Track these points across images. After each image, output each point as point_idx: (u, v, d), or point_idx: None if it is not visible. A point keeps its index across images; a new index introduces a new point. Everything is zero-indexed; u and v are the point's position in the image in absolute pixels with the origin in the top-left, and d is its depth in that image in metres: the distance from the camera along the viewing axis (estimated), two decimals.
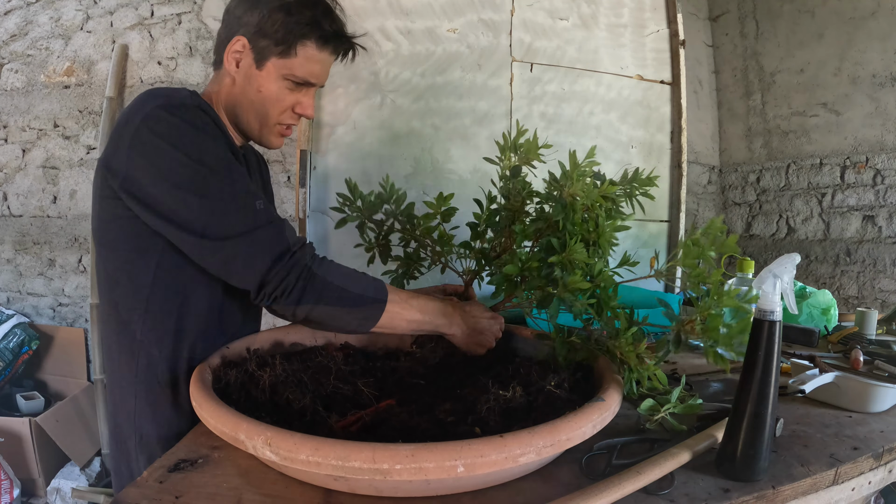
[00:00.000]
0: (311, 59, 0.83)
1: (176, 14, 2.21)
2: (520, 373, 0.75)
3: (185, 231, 0.69)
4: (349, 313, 0.74)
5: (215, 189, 0.70)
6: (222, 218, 0.69)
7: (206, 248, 0.70)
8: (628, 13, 1.90)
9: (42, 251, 2.34)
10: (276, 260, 0.70)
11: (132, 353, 0.76)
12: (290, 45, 0.81)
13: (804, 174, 2.48)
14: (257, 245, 0.70)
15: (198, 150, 0.70)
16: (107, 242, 0.76)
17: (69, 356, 2.28)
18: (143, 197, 0.70)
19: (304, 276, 0.71)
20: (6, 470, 1.88)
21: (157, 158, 0.69)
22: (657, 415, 0.73)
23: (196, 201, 0.69)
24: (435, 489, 0.54)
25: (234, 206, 0.70)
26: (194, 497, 0.54)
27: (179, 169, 0.69)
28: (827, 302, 1.43)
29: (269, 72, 0.82)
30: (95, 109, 2.25)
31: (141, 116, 0.69)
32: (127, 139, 0.70)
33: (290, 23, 0.80)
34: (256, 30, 0.80)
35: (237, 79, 0.83)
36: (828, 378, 0.87)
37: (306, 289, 0.71)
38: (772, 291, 0.61)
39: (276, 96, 0.83)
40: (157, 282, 0.75)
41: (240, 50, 0.81)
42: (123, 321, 0.76)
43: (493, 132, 1.75)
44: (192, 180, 0.69)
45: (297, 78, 0.83)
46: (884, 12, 2.16)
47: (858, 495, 0.70)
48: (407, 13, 1.65)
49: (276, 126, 0.86)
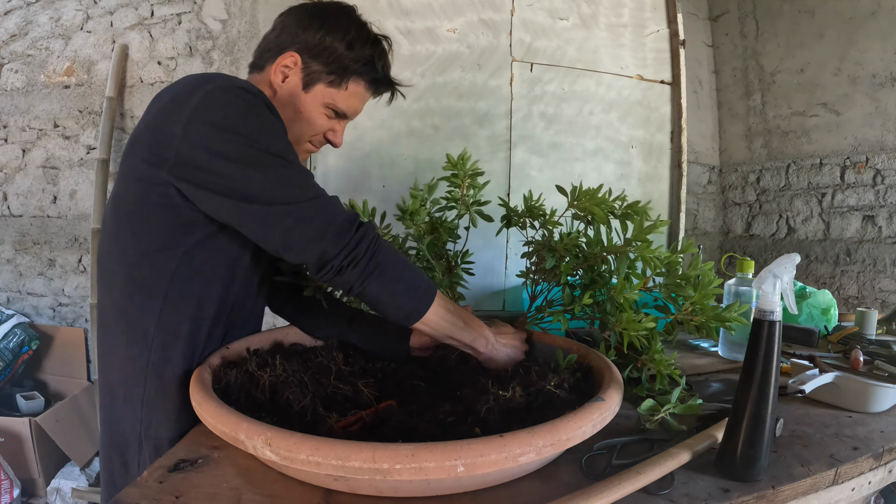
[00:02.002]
0: (356, 96, 0.85)
1: (176, 14, 2.21)
2: (519, 373, 0.75)
3: (249, 202, 0.68)
4: (402, 298, 0.74)
5: (276, 165, 0.69)
6: (285, 189, 0.68)
7: (271, 216, 0.68)
8: (628, 13, 1.90)
9: (42, 251, 2.34)
10: (340, 232, 0.69)
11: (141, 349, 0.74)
12: (343, 78, 0.82)
13: (804, 174, 2.48)
14: (322, 214, 0.69)
15: (259, 130, 0.69)
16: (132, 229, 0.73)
17: (69, 356, 2.29)
18: (201, 176, 0.68)
19: (372, 249, 0.70)
20: (6, 470, 1.88)
21: (217, 137, 0.67)
22: (657, 415, 0.73)
23: (260, 175, 0.68)
24: (435, 489, 0.54)
25: (295, 180, 0.69)
26: (194, 497, 0.54)
27: (241, 148, 0.67)
28: (827, 302, 1.43)
29: (314, 96, 0.82)
30: (95, 109, 2.25)
31: (200, 95, 0.68)
32: (183, 119, 0.67)
33: (348, 57, 0.81)
34: (312, 52, 0.80)
35: (279, 92, 0.82)
36: (828, 378, 0.87)
37: (371, 262, 0.70)
38: (772, 291, 0.61)
39: (313, 121, 0.84)
40: (176, 276, 0.73)
41: (290, 66, 0.81)
42: (135, 317, 0.74)
43: (493, 132, 1.75)
44: (254, 157, 0.68)
45: (338, 109, 0.84)
46: (884, 12, 2.16)
47: (858, 495, 0.70)
48: (407, 13, 1.65)
49: (306, 144, 0.87)
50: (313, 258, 0.69)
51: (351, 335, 0.91)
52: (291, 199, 0.68)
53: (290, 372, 0.72)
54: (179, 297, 0.74)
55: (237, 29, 2.18)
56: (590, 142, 1.86)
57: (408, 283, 0.74)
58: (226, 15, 2.19)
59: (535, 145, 1.80)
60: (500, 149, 1.77)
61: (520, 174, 1.79)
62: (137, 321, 0.74)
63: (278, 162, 0.69)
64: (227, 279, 0.77)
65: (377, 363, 0.86)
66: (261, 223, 0.69)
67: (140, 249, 0.73)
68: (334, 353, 0.82)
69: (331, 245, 0.68)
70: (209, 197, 0.69)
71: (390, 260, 0.72)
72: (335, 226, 0.69)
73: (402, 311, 0.74)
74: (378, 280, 0.71)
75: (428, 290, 0.75)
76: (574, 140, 1.84)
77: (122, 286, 0.75)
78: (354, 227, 0.70)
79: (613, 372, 0.71)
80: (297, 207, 0.68)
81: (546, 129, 1.81)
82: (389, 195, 1.63)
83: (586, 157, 1.86)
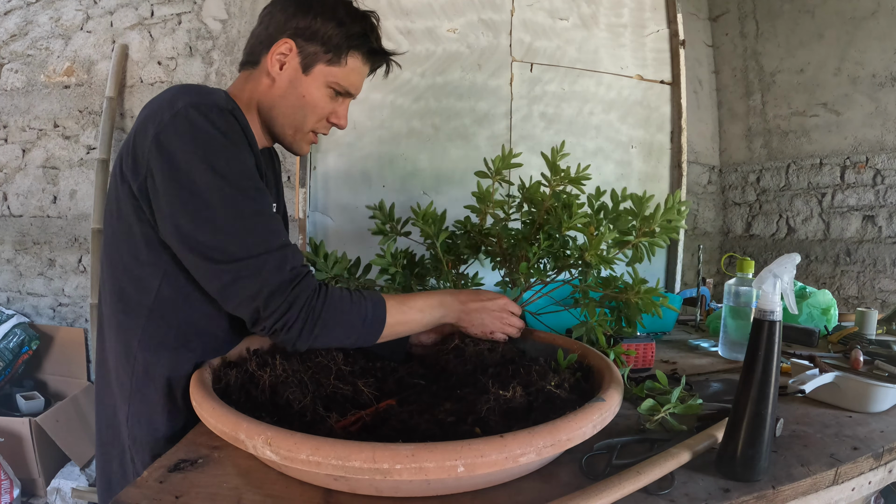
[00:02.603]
0: (356, 71, 0.85)
1: (176, 14, 2.21)
2: (520, 373, 0.75)
3: (191, 250, 0.67)
4: (350, 338, 0.75)
5: (230, 205, 0.67)
6: (229, 239, 0.67)
7: (208, 269, 0.68)
8: (628, 13, 1.90)
9: (42, 251, 2.34)
10: (274, 292, 0.68)
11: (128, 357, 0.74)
12: (340, 55, 0.82)
13: (804, 174, 2.48)
14: (258, 274, 0.68)
15: (221, 160, 0.67)
16: (116, 242, 0.74)
17: (69, 356, 2.29)
18: (156, 198, 0.68)
19: (308, 309, 0.70)
20: (6, 470, 1.88)
21: (178, 161, 0.66)
22: (657, 415, 0.73)
23: (206, 214, 0.66)
24: (435, 489, 0.54)
25: (246, 226, 0.68)
26: (194, 497, 0.54)
27: (199, 177, 0.66)
28: (827, 302, 1.43)
29: (315, 77, 0.82)
30: (95, 109, 2.25)
31: (171, 113, 0.67)
32: (151, 135, 0.67)
33: (342, 34, 0.81)
34: (306, 35, 0.80)
35: (278, 81, 0.82)
36: (828, 378, 0.87)
37: (307, 323, 0.70)
38: (772, 291, 0.61)
39: (317, 103, 0.84)
40: (160, 292, 0.73)
41: (285, 52, 0.80)
42: (122, 327, 0.75)
43: (493, 132, 1.75)
44: (208, 189, 0.66)
45: (340, 87, 0.84)
46: (884, 12, 2.16)
47: (858, 495, 0.70)
48: (407, 13, 1.65)
49: (309, 133, 0.87)
50: (247, 316, 0.70)
51: None
52: (231, 254, 0.67)
53: (290, 372, 0.72)
54: (163, 311, 0.74)
55: (237, 29, 2.18)
56: (590, 142, 1.86)
57: (354, 324, 0.74)
58: (226, 15, 2.19)
59: (535, 145, 1.80)
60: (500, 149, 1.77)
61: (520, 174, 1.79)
62: (125, 332, 0.75)
63: (234, 197, 0.67)
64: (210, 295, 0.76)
65: (377, 362, 0.86)
66: (199, 272, 0.70)
67: (126, 264, 0.74)
68: (334, 353, 0.81)
69: (263, 308, 0.68)
70: (160, 221, 0.69)
71: (329, 313, 0.72)
72: (269, 287, 0.68)
73: (355, 345, 0.77)
74: (322, 335, 0.72)
75: (375, 318, 0.76)
76: (574, 140, 1.84)
77: (112, 297, 0.76)
78: (290, 288, 0.69)
79: (614, 372, 0.71)
80: (237, 266, 0.67)
81: (546, 129, 1.81)
82: (389, 195, 1.63)
83: (586, 158, 1.85)
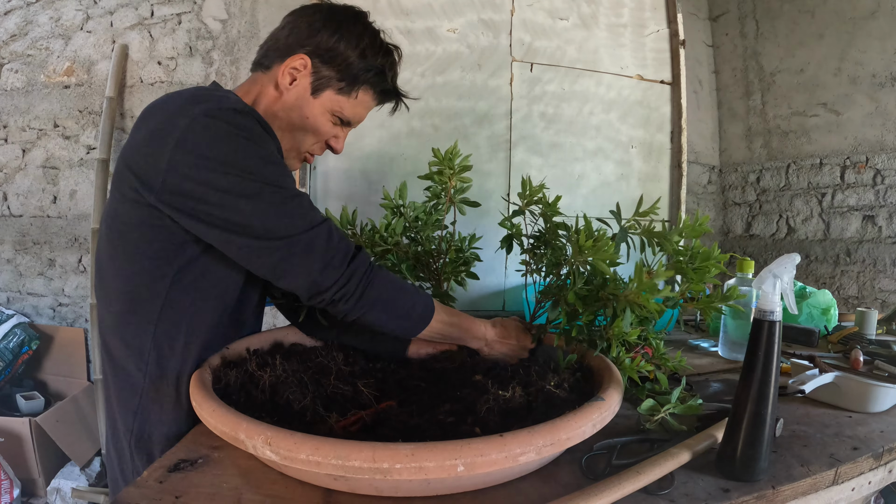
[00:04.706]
0: (363, 105, 0.85)
1: (176, 14, 2.21)
2: (519, 373, 0.75)
3: (239, 234, 0.67)
4: (397, 323, 0.76)
5: (267, 193, 0.67)
6: (276, 220, 0.68)
7: (262, 249, 0.68)
8: (628, 13, 1.90)
9: (42, 251, 2.34)
10: (329, 265, 0.69)
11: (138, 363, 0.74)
12: (353, 86, 0.81)
13: (804, 174, 2.48)
14: (310, 249, 0.68)
15: (249, 158, 0.67)
16: (125, 249, 0.73)
17: (69, 356, 2.29)
18: (189, 205, 0.67)
19: (365, 283, 0.71)
20: (6, 470, 1.88)
21: (204, 166, 0.65)
22: (657, 415, 0.73)
23: (248, 206, 0.66)
24: (435, 489, 0.54)
25: (285, 209, 0.68)
26: (194, 497, 0.54)
27: (229, 178, 0.66)
28: (827, 302, 1.43)
29: (322, 102, 0.81)
30: (95, 109, 2.25)
31: (186, 122, 0.66)
32: (169, 145, 0.65)
33: (360, 66, 0.80)
34: (324, 57, 0.79)
35: (285, 95, 0.80)
36: (828, 378, 0.87)
37: (363, 295, 0.71)
38: (772, 291, 0.61)
39: (318, 127, 0.83)
40: (170, 296, 0.73)
41: (299, 68, 0.79)
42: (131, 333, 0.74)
43: (493, 132, 1.75)
44: (243, 187, 0.66)
45: (343, 117, 0.84)
46: (884, 12, 2.16)
47: (858, 495, 0.70)
48: (407, 13, 1.65)
49: (304, 154, 0.87)
50: (304, 290, 0.70)
51: (349, 337, 0.91)
52: (282, 232, 0.67)
53: (290, 372, 0.72)
54: (174, 315, 0.74)
55: (237, 29, 2.18)
56: (590, 142, 1.86)
57: (402, 309, 0.76)
58: (226, 15, 2.19)
59: (535, 145, 1.80)
60: (500, 149, 1.77)
61: (520, 174, 1.79)
62: (134, 337, 0.74)
63: (269, 189, 0.67)
64: (222, 296, 0.77)
65: (377, 363, 0.86)
66: (250, 255, 0.69)
67: (134, 269, 0.72)
68: (334, 353, 0.82)
69: (322, 279, 0.69)
70: (197, 225, 0.68)
71: (384, 290, 0.74)
72: (326, 260, 0.69)
73: (398, 332, 0.79)
74: (372, 311, 0.73)
75: (424, 312, 0.78)
76: (574, 140, 1.84)
77: (119, 303, 0.75)
78: (347, 261, 0.70)
79: (613, 372, 0.71)
80: (288, 242, 0.68)
81: (546, 129, 1.81)
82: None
83: (586, 157, 1.85)
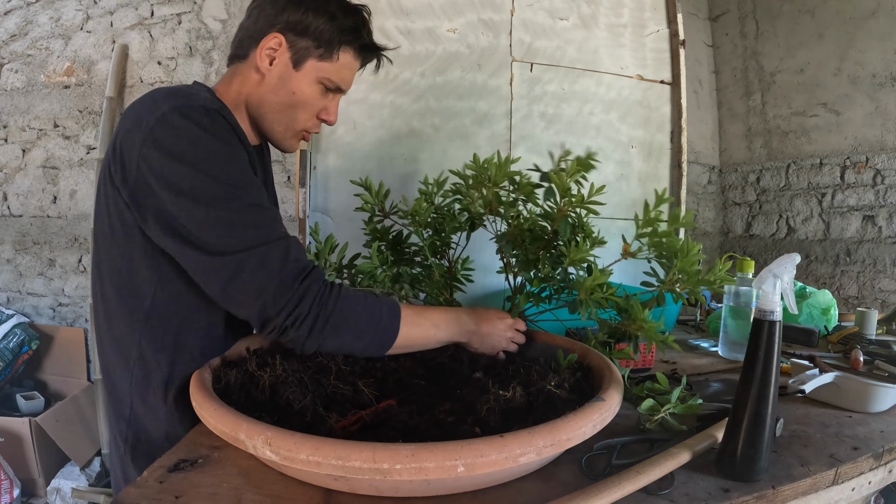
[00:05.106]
0: (347, 66, 0.83)
1: (176, 14, 2.21)
2: (520, 373, 0.75)
3: (190, 245, 0.65)
4: (362, 341, 0.71)
5: (225, 199, 0.65)
6: (228, 231, 0.64)
7: (213, 265, 0.65)
8: (628, 13, 1.90)
9: (42, 251, 2.34)
10: (281, 287, 0.64)
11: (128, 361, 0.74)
12: (331, 50, 0.80)
13: (804, 174, 2.48)
14: (262, 267, 0.64)
15: (212, 160, 0.66)
16: (110, 248, 0.73)
17: (69, 356, 2.28)
18: (149, 205, 0.66)
19: (319, 304, 0.66)
20: (6, 470, 1.88)
21: (167, 165, 0.64)
22: (657, 415, 0.73)
23: (202, 213, 0.64)
24: (435, 489, 0.54)
25: (242, 219, 0.65)
26: (194, 497, 0.54)
27: (189, 179, 0.64)
28: (827, 302, 1.43)
29: (306, 73, 0.80)
30: (95, 109, 2.25)
31: (155, 118, 0.65)
32: (138, 142, 0.65)
33: (334, 27, 0.79)
34: (297, 30, 0.78)
35: (268, 77, 0.80)
36: (828, 378, 0.87)
37: (318, 319, 0.66)
38: (772, 291, 0.61)
39: (308, 99, 0.82)
40: (157, 297, 0.73)
41: (275, 47, 0.79)
42: (121, 331, 0.74)
43: (493, 132, 1.75)
44: (200, 189, 0.64)
45: (331, 83, 0.82)
46: (884, 12, 2.16)
47: (858, 495, 0.70)
48: (407, 13, 1.65)
49: (301, 132, 0.86)
50: (254, 315, 0.66)
51: None
52: (233, 246, 0.64)
53: (290, 372, 0.72)
54: (160, 316, 0.74)
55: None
56: (590, 142, 1.86)
57: (366, 327, 0.70)
58: (226, 15, 2.19)
59: (535, 145, 1.80)
60: (500, 149, 1.77)
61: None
62: (123, 335, 0.74)
63: (229, 194, 0.65)
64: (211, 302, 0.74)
65: (377, 362, 0.86)
66: (200, 270, 0.67)
67: (122, 269, 0.73)
68: (334, 353, 0.81)
69: (271, 302, 0.64)
70: (154, 228, 0.67)
71: (342, 310, 0.68)
72: (275, 281, 0.64)
73: (366, 353, 0.73)
74: (332, 335, 0.68)
75: (391, 324, 0.72)
76: (574, 140, 1.84)
77: (111, 300, 0.75)
78: (299, 281, 0.65)
79: (614, 372, 0.71)
80: (239, 258, 0.64)
81: (546, 129, 1.81)
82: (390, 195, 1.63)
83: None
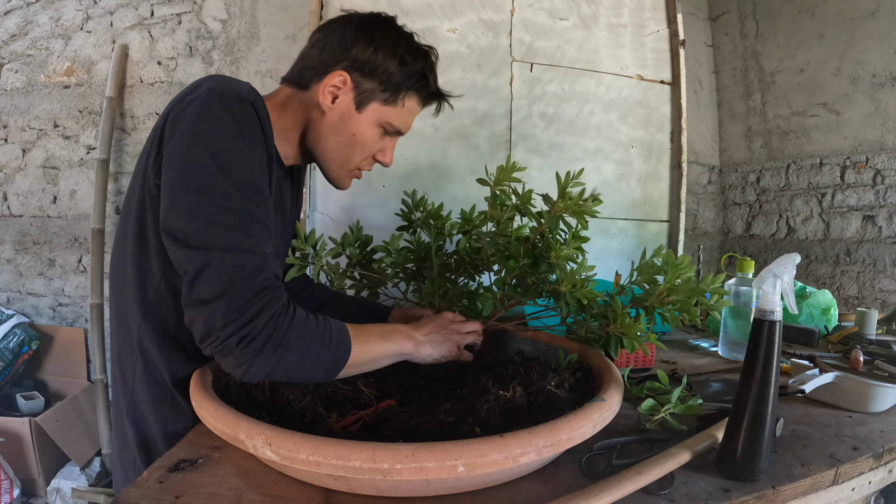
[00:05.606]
0: (409, 112, 0.82)
1: (176, 14, 2.21)
2: (520, 373, 0.75)
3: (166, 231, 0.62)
4: (311, 365, 0.64)
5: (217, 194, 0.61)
6: (207, 225, 0.60)
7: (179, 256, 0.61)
8: (628, 13, 1.90)
9: (42, 251, 2.34)
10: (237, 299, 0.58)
11: (131, 353, 0.75)
12: (397, 95, 0.79)
13: (804, 174, 2.48)
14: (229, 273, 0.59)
15: (227, 153, 0.63)
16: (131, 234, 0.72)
17: (69, 356, 2.29)
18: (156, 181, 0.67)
19: (271, 326, 0.60)
20: (6, 470, 1.88)
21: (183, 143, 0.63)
22: (657, 415, 0.73)
23: (192, 199, 0.61)
24: (435, 489, 0.54)
25: (229, 220, 0.61)
26: (194, 497, 0.54)
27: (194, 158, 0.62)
28: (827, 302, 1.43)
29: (369, 116, 0.79)
30: (95, 109, 2.25)
31: (191, 97, 0.65)
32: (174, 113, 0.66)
33: (403, 72, 0.78)
34: (363, 70, 0.77)
35: (329, 115, 0.78)
36: (828, 378, 0.87)
37: (269, 341, 0.59)
38: (772, 291, 0.61)
39: (367, 142, 0.81)
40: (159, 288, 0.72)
41: (339, 85, 0.77)
42: (127, 322, 0.75)
43: (493, 132, 1.75)
44: (201, 176, 0.62)
45: (391, 127, 0.81)
46: (884, 12, 2.16)
47: (858, 495, 0.70)
48: (407, 13, 1.65)
49: (355, 170, 0.84)
50: (200, 323, 0.59)
51: None
52: (204, 242, 0.60)
53: None
54: (160, 310, 0.73)
55: (237, 29, 2.18)
56: (590, 142, 1.86)
57: (316, 350, 0.64)
58: (226, 15, 2.19)
59: (536, 145, 1.80)
60: (500, 149, 1.77)
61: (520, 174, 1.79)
62: (126, 328, 0.75)
63: (226, 191, 0.62)
64: None
65: None
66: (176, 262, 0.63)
67: (133, 257, 0.73)
68: None
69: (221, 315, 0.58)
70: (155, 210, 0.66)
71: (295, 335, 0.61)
72: (234, 291, 0.58)
73: (315, 377, 0.66)
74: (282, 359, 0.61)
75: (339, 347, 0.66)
76: (574, 140, 1.84)
77: (119, 291, 0.76)
78: (257, 298, 0.59)
79: (614, 372, 0.71)
80: (206, 255, 0.59)
81: (546, 129, 1.81)
82: (389, 195, 1.63)
83: (586, 158, 1.85)
